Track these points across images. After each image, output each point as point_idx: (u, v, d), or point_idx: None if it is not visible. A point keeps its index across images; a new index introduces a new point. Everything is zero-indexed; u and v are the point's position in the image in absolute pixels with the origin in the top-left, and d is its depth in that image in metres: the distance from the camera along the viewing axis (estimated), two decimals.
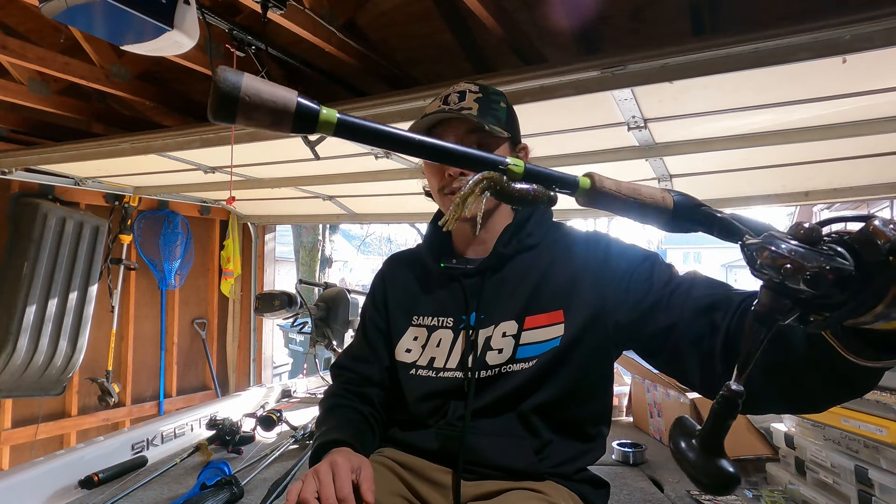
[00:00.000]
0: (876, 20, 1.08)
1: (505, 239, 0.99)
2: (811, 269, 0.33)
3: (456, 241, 1.06)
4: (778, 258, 0.34)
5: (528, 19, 1.64)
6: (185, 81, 2.19)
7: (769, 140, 1.72)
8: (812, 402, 0.63)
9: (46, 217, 2.84)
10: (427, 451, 0.95)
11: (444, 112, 0.93)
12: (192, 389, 3.83)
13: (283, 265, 9.20)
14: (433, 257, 1.04)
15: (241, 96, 0.35)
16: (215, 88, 0.36)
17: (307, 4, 1.49)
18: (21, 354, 2.78)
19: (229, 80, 0.35)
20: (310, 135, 0.43)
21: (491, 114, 0.94)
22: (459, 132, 0.94)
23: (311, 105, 0.37)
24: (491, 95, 0.97)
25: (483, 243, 1.02)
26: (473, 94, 0.95)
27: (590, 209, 3.04)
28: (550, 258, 0.97)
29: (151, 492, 1.97)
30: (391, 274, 1.12)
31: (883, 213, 4.07)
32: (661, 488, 1.95)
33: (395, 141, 0.48)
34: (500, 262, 0.98)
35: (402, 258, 1.15)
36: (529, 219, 1.02)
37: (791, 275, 0.33)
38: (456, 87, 0.98)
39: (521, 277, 0.96)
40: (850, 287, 0.34)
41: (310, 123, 0.38)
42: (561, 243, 1.00)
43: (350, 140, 0.46)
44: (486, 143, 0.94)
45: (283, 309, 2.53)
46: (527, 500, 0.85)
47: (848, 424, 1.54)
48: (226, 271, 3.90)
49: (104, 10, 1.12)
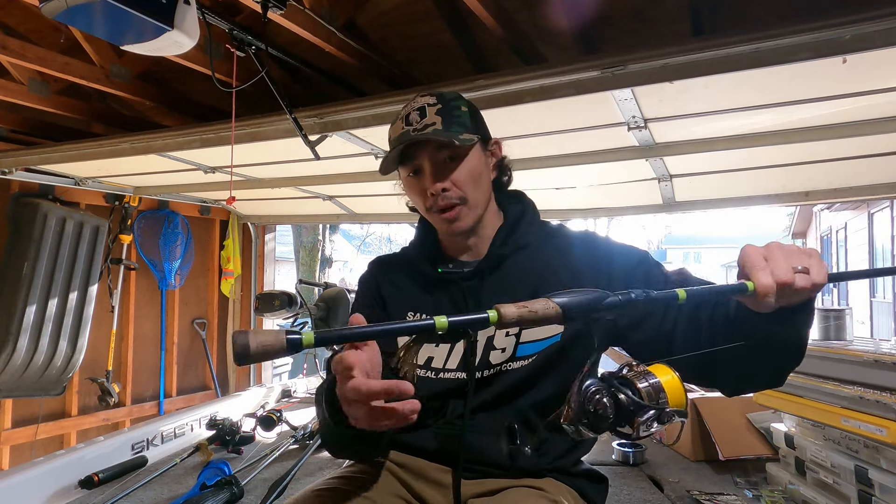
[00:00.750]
0: (876, 20, 1.08)
1: (500, 240, 0.99)
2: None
3: (448, 247, 1.06)
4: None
5: (528, 19, 1.64)
6: (185, 81, 2.18)
7: (769, 140, 1.72)
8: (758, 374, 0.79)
9: (46, 217, 2.84)
10: (426, 450, 0.95)
11: (410, 136, 0.92)
12: (192, 389, 3.83)
13: (283, 265, 9.21)
14: (428, 262, 1.03)
15: (252, 353, 0.52)
16: (234, 350, 0.53)
17: (307, 4, 1.49)
18: (21, 354, 2.78)
19: (238, 342, 0.52)
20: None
21: (455, 122, 0.93)
22: (430, 150, 0.93)
23: (295, 336, 0.53)
24: (450, 103, 0.96)
25: (476, 246, 1.02)
26: (433, 108, 0.94)
27: (590, 209, 3.05)
28: (546, 257, 0.98)
29: (151, 492, 1.97)
30: (384, 276, 1.10)
31: (883, 213, 4.08)
32: (661, 488, 1.95)
33: (364, 335, 0.63)
34: (497, 263, 0.98)
35: (392, 262, 1.13)
36: (522, 219, 1.02)
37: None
38: (413, 104, 0.96)
39: (519, 276, 0.97)
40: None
41: (298, 346, 0.53)
42: (553, 242, 1.01)
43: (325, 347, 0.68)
44: (458, 154, 0.94)
45: (283, 309, 2.53)
46: (527, 497, 0.85)
47: (848, 424, 1.54)
48: (226, 271, 3.90)
49: (104, 10, 1.12)
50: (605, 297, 0.61)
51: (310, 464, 2.27)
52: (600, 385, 0.59)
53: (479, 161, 0.98)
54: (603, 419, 0.57)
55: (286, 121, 1.72)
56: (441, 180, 0.93)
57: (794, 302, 0.67)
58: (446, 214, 0.94)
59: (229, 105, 1.66)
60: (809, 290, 0.65)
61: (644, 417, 0.55)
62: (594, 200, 2.83)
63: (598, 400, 0.58)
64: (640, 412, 0.56)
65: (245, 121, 1.85)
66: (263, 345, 0.51)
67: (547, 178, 2.35)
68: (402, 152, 0.94)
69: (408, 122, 0.94)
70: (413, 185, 0.98)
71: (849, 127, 1.61)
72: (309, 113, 1.73)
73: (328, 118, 1.74)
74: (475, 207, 0.96)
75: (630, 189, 2.50)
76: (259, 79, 1.51)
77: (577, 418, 0.58)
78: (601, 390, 0.58)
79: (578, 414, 0.58)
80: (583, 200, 2.84)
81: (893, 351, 1.67)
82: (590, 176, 2.33)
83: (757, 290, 0.63)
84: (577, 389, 0.59)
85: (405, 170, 0.98)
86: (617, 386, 0.58)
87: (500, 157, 1.05)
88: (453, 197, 0.93)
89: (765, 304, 0.65)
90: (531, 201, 1.08)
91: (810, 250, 0.68)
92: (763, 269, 0.64)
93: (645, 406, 0.56)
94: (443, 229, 0.99)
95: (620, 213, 3.32)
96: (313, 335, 0.52)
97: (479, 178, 0.97)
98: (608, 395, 0.58)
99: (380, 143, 1.99)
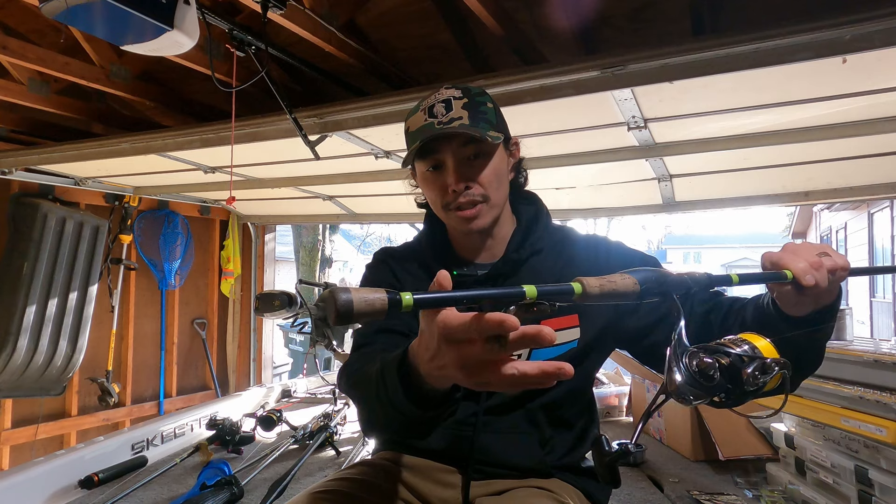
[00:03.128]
0: (876, 20, 1.08)
1: (515, 244, 0.98)
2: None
3: (461, 248, 1.03)
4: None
5: (528, 19, 1.64)
6: (185, 81, 2.18)
7: (769, 140, 1.72)
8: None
9: (46, 217, 2.84)
10: (433, 451, 0.95)
11: (436, 129, 0.89)
12: (192, 389, 3.83)
13: (283, 265, 9.20)
14: (441, 263, 0.99)
15: (355, 311, 0.46)
16: (334, 310, 0.46)
17: (307, 4, 1.49)
18: (21, 354, 2.78)
19: (342, 299, 0.46)
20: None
21: (482, 119, 0.91)
22: (455, 146, 0.90)
23: (395, 296, 0.47)
24: (476, 98, 0.93)
25: (490, 249, 1.00)
26: (459, 101, 0.90)
27: (590, 209, 3.05)
28: (562, 262, 0.97)
29: (151, 492, 1.97)
30: (398, 265, 1.04)
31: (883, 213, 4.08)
32: (661, 488, 1.95)
33: (464, 298, 0.50)
34: (514, 268, 0.97)
35: (403, 254, 1.08)
36: (537, 222, 1.01)
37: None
38: (438, 95, 0.92)
39: (535, 281, 0.96)
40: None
41: (398, 306, 0.47)
42: (566, 245, 1.00)
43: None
44: (484, 151, 0.92)
45: (283, 309, 2.53)
46: (534, 496, 0.85)
47: (848, 424, 1.54)
48: (226, 271, 3.90)
49: (104, 10, 1.12)
50: (668, 275, 0.63)
51: (310, 464, 2.27)
52: (698, 349, 0.59)
53: (503, 160, 0.96)
54: (709, 377, 0.56)
55: (286, 121, 1.72)
56: (465, 178, 0.90)
57: (823, 302, 0.71)
58: (466, 212, 0.91)
59: (229, 105, 1.66)
60: (838, 269, 0.69)
61: (750, 368, 0.56)
62: (594, 200, 2.83)
63: (701, 359, 0.58)
64: (745, 365, 0.56)
65: (245, 121, 1.85)
66: (367, 301, 0.46)
67: (547, 178, 2.35)
68: (423, 145, 0.91)
69: (431, 115, 0.90)
70: (432, 181, 0.95)
71: (849, 127, 1.61)
72: (309, 113, 1.73)
73: (328, 118, 1.74)
74: (495, 207, 0.94)
75: (630, 189, 2.50)
76: (259, 79, 1.51)
77: (686, 381, 0.57)
78: (700, 352, 0.58)
79: (685, 377, 0.57)
80: (583, 200, 2.84)
81: (893, 351, 1.67)
82: (590, 176, 2.33)
83: (796, 274, 0.67)
84: (675, 354, 0.59)
85: (424, 164, 0.94)
86: (714, 348, 0.59)
87: (518, 158, 1.02)
88: (476, 195, 0.91)
89: (805, 299, 0.69)
90: (544, 204, 1.06)
91: (822, 245, 0.72)
92: (793, 257, 0.68)
93: (750, 356, 0.57)
94: (460, 227, 0.95)
95: (620, 213, 3.32)
96: (412, 297, 0.47)
97: (502, 177, 0.95)
98: (709, 356, 0.58)
99: (380, 143, 1.99)
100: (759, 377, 0.56)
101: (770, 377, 0.57)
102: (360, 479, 0.93)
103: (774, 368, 0.57)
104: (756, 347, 0.59)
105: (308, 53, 1.76)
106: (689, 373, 0.57)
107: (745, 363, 0.57)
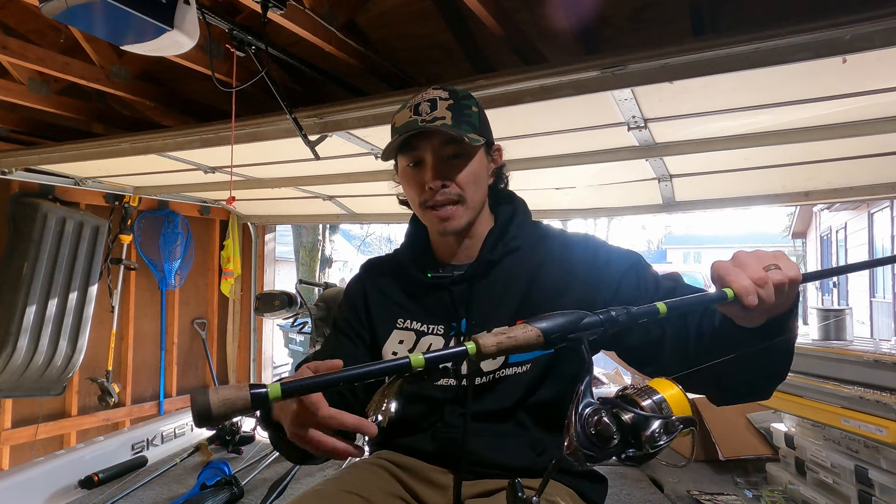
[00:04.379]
0: (876, 20, 1.08)
1: (490, 244, 0.98)
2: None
3: (438, 250, 1.04)
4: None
5: (528, 19, 1.64)
6: (185, 81, 2.18)
7: (769, 140, 1.72)
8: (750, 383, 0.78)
9: (46, 217, 2.84)
10: (424, 452, 0.95)
11: (418, 125, 0.90)
12: (192, 389, 3.81)
13: (283, 265, 9.20)
14: (418, 267, 1.02)
15: (213, 414, 0.47)
16: (193, 411, 0.47)
17: (307, 4, 1.49)
18: (21, 354, 2.78)
19: (198, 402, 0.47)
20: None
21: (465, 121, 0.92)
22: (435, 144, 0.92)
23: (260, 391, 0.48)
24: (461, 101, 0.94)
25: (467, 249, 1.01)
26: (445, 102, 0.92)
27: (589, 209, 3.05)
28: (538, 261, 0.97)
29: (151, 492, 1.97)
30: (372, 281, 1.08)
31: (883, 213, 4.09)
32: (661, 488, 1.95)
33: (333, 381, 0.53)
34: (487, 268, 0.97)
35: (382, 265, 1.11)
36: (512, 221, 1.01)
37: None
38: (425, 94, 0.94)
39: (509, 282, 0.96)
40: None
41: (265, 401, 0.48)
42: (544, 244, 1.00)
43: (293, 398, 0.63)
44: (463, 152, 0.93)
45: (283, 309, 2.53)
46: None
47: (848, 424, 1.54)
48: (226, 271, 3.90)
49: (104, 10, 1.12)
50: (583, 318, 0.60)
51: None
52: (599, 406, 0.56)
53: (482, 164, 0.97)
54: (607, 440, 0.54)
55: (286, 121, 1.72)
56: (442, 176, 0.92)
57: (777, 311, 0.67)
58: (440, 213, 0.93)
59: (229, 105, 1.66)
60: (787, 284, 0.64)
61: (650, 430, 0.53)
62: (594, 200, 2.83)
63: (598, 420, 0.55)
64: (646, 425, 0.53)
65: (245, 121, 1.85)
66: (226, 402, 0.46)
67: (547, 178, 2.35)
68: (406, 141, 0.93)
69: (416, 112, 0.92)
70: (411, 177, 0.97)
71: (849, 127, 1.60)
72: (309, 113, 1.73)
73: (328, 118, 1.74)
74: (471, 209, 0.95)
75: (630, 189, 2.50)
76: (259, 79, 1.51)
77: (582, 444, 0.55)
78: (600, 410, 0.56)
79: (582, 440, 0.54)
80: (583, 200, 2.84)
81: (893, 351, 1.67)
82: (589, 176, 2.33)
83: (737, 293, 0.63)
84: (574, 415, 0.56)
85: (405, 159, 0.96)
86: (617, 403, 0.56)
87: (499, 164, 1.04)
88: (452, 194, 0.93)
89: (753, 314, 0.65)
90: (522, 201, 1.06)
91: (776, 252, 0.68)
92: (737, 274, 0.64)
93: (649, 417, 0.53)
94: (436, 228, 0.97)
95: (620, 214, 3.32)
96: (280, 387, 0.48)
97: (480, 180, 0.96)
98: (609, 415, 0.55)
99: (380, 143, 1.99)
100: (662, 437, 0.53)
101: (674, 437, 0.53)
102: (357, 479, 0.94)
103: (678, 427, 0.53)
104: (664, 401, 0.55)
105: (308, 53, 1.76)
106: (586, 436, 0.55)
107: (647, 423, 0.53)
